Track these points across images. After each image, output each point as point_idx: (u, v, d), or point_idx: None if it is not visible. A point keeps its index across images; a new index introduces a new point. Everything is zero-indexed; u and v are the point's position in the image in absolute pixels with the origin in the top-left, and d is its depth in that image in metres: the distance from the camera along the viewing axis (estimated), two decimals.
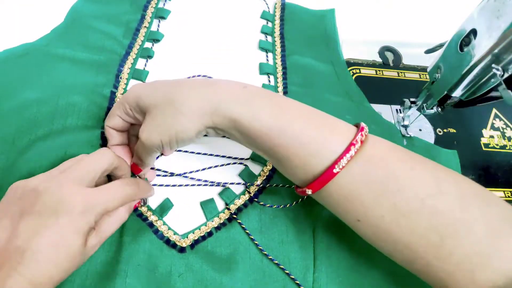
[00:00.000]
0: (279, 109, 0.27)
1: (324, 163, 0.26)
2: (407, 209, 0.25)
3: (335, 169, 0.25)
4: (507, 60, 0.29)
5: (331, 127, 0.27)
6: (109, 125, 0.32)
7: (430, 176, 0.26)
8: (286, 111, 0.27)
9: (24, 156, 0.33)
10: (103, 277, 0.29)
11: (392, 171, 0.26)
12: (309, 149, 0.26)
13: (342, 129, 0.27)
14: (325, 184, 0.26)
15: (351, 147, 0.25)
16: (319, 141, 0.26)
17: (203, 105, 0.27)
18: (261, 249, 0.32)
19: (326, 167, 0.26)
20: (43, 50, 0.40)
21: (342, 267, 0.33)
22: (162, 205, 0.34)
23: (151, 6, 0.47)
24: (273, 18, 0.50)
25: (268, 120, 0.27)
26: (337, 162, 0.25)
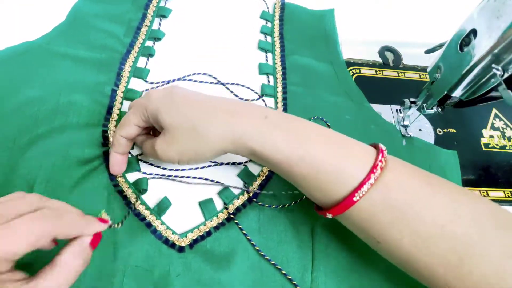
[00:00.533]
0: (299, 138, 0.28)
1: (344, 190, 0.26)
2: (426, 234, 0.25)
3: (356, 197, 0.26)
4: (507, 60, 0.29)
5: (350, 152, 0.27)
6: (122, 134, 0.31)
7: (449, 201, 0.26)
8: (306, 139, 0.28)
9: (25, 155, 0.33)
10: (99, 277, 0.29)
11: (411, 198, 0.26)
12: (329, 177, 0.26)
13: (361, 153, 0.27)
14: (345, 210, 0.27)
15: (371, 175, 0.26)
16: (339, 169, 0.26)
17: (226, 135, 0.28)
18: (258, 249, 0.32)
19: (346, 194, 0.26)
20: (45, 49, 0.40)
21: (340, 267, 0.33)
22: (160, 204, 0.34)
23: (153, 5, 0.47)
24: (272, 18, 0.50)
25: (288, 151, 0.27)
26: (357, 190, 0.26)
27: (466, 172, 0.42)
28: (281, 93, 0.43)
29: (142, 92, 0.40)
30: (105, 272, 0.30)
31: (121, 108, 0.38)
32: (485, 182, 0.42)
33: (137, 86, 0.41)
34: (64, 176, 0.32)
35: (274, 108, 0.42)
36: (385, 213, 0.26)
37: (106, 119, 0.37)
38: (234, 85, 0.43)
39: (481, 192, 0.41)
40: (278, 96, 0.43)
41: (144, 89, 0.40)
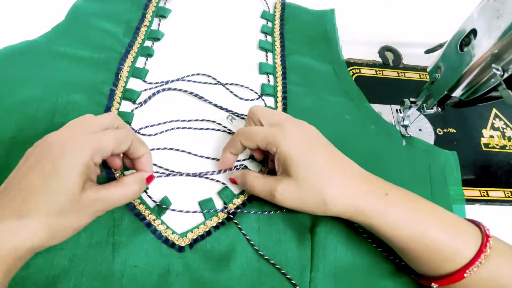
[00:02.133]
0: (416, 216, 0.29)
1: (454, 267, 0.28)
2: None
3: (466, 273, 0.27)
4: (507, 60, 0.29)
5: (462, 231, 0.29)
6: (243, 142, 0.33)
7: None
8: (423, 218, 0.29)
9: (23, 154, 0.32)
10: (98, 277, 0.29)
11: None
12: (442, 255, 0.28)
13: (470, 232, 0.29)
14: (452, 283, 0.28)
15: (481, 255, 0.27)
16: (452, 247, 0.28)
17: (348, 208, 0.29)
18: (257, 249, 0.32)
19: (456, 270, 0.28)
20: (44, 48, 0.40)
21: (339, 267, 0.32)
22: (160, 204, 0.34)
23: (152, 5, 0.47)
24: (273, 17, 0.50)
25: (407, 229, 0.29)
26: (468, 267, 0.27)
27: (466, 172, 0.41)
28: (281, 93, 0.43)
29: (140, 92, 0.40)
30: (104, 272, 0.30)
31: (119, 107, 0.38)
32: (485, 182, 0.42)
33: (135, 86, 0.40)
34: None
35: (274, 107, 0.42)
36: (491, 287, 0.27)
37: None
38: (233, 85, 0.43)
39: (481, 192, 0.41)
40: (278, 96, 0.43)
41: (143, 89, 0.40)
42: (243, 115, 0.41)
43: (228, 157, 0.34)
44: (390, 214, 0.29)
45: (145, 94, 0.40)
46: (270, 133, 0.31)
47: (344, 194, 0.29)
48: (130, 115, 0.38)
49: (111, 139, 0.27)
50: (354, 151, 0.39)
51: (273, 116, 0.33)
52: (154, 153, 0.37)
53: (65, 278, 0.29)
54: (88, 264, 0.30)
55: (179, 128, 0.39)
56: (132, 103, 0.39)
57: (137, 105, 0.39)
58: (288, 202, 0.30)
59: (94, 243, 0.30)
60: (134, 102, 0.39)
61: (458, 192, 0.39)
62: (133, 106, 0.39)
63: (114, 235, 0.31)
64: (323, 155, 0.31)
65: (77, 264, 0.29)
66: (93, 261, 0.30)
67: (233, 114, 0.41)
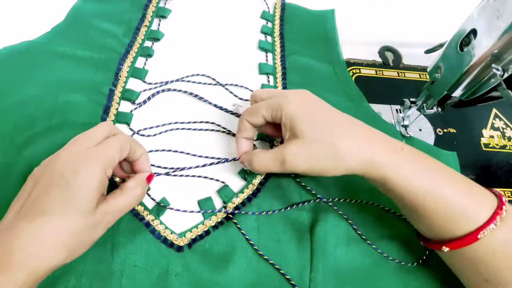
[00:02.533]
0: (430, 172, 0.29)
1: (467, 228, 0.27)
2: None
3: (480, 235, 0.26)
4: (507, 60, 0.29)
5: (477, 192, 0.28)
6: (249, 119, 0.33)
7: None
8: (438, 175, 0.29)
9: (22, 153, 0.33)
10: (98, 277, 0.29)
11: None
12: (456, 213, 0.27)
13: (486, 195, 0.28)
14: (465, 246, 0.27)
15: (496, 216, 0.26)
16: (467, 207, 0.27)
17: (361, 159, 0.28)
18: (257, 249, 0.32)
19: (469, 232, 0.27)
20: (43, 48, 0.40)
21: (339, 267, 0.32)
22: (159, 202, 0.34)
23: (152, 5, 0.47)
24: (273, 18, 0.50)
25: (421, 183, 0.28)
26: (482, 228, 0.26)
27: (466, 172, 0.41)
28: None
29: (139, 92, 0.40)
30: (103, 272, 0.30)
31: (118, 108, 0.38)
32: (485, 182, 0.42)
33: (135, 87, 0.40)
34: None
35: None
36: (504, 255, 0.27)
37: (103, 118, 0.37)
38: (233, 85, 0.43)
39: None
40: None
41: (142, 90, 0.40)
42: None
43: (243, 143, 0.34)
44: (405, 167, 0.28)
45: (145, 95, 0.40)
46: (273, 101, 0.32)
47: (358, 145, 0.29)
48: (129, 115, 0.38)
49: (115, 146, 0.27)
50: None
51: (274, 91, 0.34)
52: (153, 154, 0.37)
53: (65, 279, 0.29)
54: (88, 264, 0.30)
55: (178, 129, 0.39)
56: (132, 103, 0.39)
57: (136, 105, 0.39)
58: (300, 164, 0.29)
59: (93, 244, 0.30)
60: (134, 103, 0.39)
61: None
62: (132, 106, 0.39)
63: (113, 235, 0.31)
64: (329, 111, 0.31)
65: (76, 265, 0.29)
66: (92, 262, 0.30)
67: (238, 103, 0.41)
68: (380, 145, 0.29)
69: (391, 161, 0.28)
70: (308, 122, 0.29)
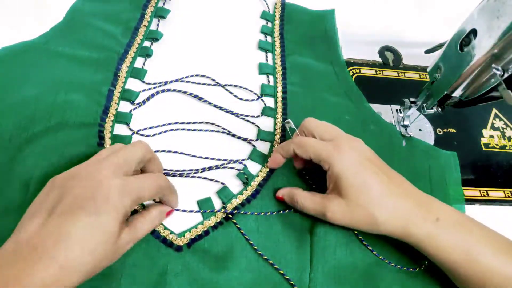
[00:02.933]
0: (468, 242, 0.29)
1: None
2: None
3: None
4: (507, 60, 0.29)
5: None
6: (296, 150, 0.33)
7: None
8: (475, 243, 0.29)
9: (21, 153, 0.33)
10: (97, 277, 0.29)
11: None
12: (494, 281, 0.28)
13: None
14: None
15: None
16: (505, 274, 0.28)
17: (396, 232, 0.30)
18: (256, 249, 0.32)
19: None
20: (42, 48, 0.40)
21: (339, 267, 0.32)
22: None
23: (151, 5, 0.47)
24: (273, 18, 0.50)
25: (456, 255, 0.29)
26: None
27: (466, 172, 0.41)
28: (281, 93, 0.43)
29: (139, 92, 0.40)
30: (103, 272, 0.29)
31: (117, 108, 0.38)
32: (485, 182, 0.42)
33: (134, 87, 0.40)
34: None
35: (274, 107, 0.42)
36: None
37: (102, 119, 0.37)
38: (232, 86, 0.43)
39: (481, 192, 0.41)
40: (277, 96, 0.43)
41: (141, 90, 0.40)
42: (243, 115, 0.41)
43: (278, 158, 0.35)
44: (441, 239, 0.29)
45: (144, 95, 0.40)
46: (324, 149, 0.32)
47: (396, 218, 0.30)
48: (129, 115, 0.38)
49: (153, 189, 0.28)
50: None
51: (326, 130, 0.34)
52: None
53: None
54: None
55: (177, 130, 0.39)
56: (131, 103, 0.39)
57: (136, 105, 0.39)
58: (339, 221, 0.31)
59: None
60: (133, 103, 0.39)
61: (458, 192, 0.39)
62: (131, 106, 0.39)
63: None
64: (376, 177, 0.31)
65: None
66: None
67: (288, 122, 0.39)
68: (418, 218, 0.30)
69: (426, 234, 0.29)
70: (355, 187, 0.30)
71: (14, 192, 0.31)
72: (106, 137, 0.36)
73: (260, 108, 0.42)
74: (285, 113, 0.41)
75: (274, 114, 0.41)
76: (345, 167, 0.30)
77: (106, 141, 0.35)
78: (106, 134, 0.36)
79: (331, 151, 0.31)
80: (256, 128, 0.40)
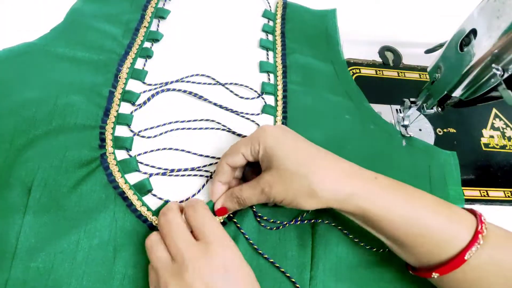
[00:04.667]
0: (410, 199, 0.29)
1: (452, 251, 0.27)
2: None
3: (466, 256, 0.27)
4: (507, 60, 0.29)
5: (456, 215, 0.28)
6: (228, 162, 0.32)
7: None
8: (416, 201, 0.29)
9: (22, 156, 0.32)
10: (99, 279, 0.29)
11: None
12: (439, 238, 0.28)
13: (463, 216, 0.28)
14: (454, 269, 0.27)
15: (478, 235, 0.27)
16: (448, 230, 0.28)
17: (336, 193, 0.28)
18: (256, 248, 0.32)
19: (454, 255, 0.27)
20: (43, 50, 0.40)
21: (340, 264, 0.33)
22: (161, 206, 0.34)
23: (151, 6, 0.47)
24: (274, 17, 0.50)
25: (400, 211, 0.28)
26: (467, 249, 0.27)
27: (466, 172, 0.41)
28: (281, 91, 0.43)
29: (139, 93, 0.40)
30: (105, 274, 0.30)
31: (118, 109, 0.38)
32: (485, 182, 0.42)
33: (134, 88, 0.40)
34: (62, 178, 0.32)
35: (274, 106, 0.42)
36: (493, 273, 0.27)
37: (103, 120, 0.37)
38: (233, 84, 0.43)
39: (481, 192, 0.41)
40: (278, 94, 0.43)
41: (142, 91, 0.40)
42: (243, 113, 0.41)
43: (218, 187, 0.33)
44: (382, 197, 0.28)
45: (145, 96, 0.40)
46: (250, 136, 0.32)
47: (332, 177, 0.29)
48: (130, 117, 0.38)
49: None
50: (353, 150, 0.39)
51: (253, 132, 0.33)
52: (154, 154, 0.37)
53: (66, 281, 0.29)
54: (89, 266, 0.30)
55: (178, 129, 0.39)
56: (132, 104, 0.39)
57: (137, 106, 0.39)
58: (277, 194, 0.29)
59: (95, 246, 0.30)
60: (134, 104, 0.39)
61: (458, 192, 0.39)
62: (132, 107, 0.39)
63: (115, 237, 0.31)
64: (303, 142, 0.31)
65: (77, 267, 0.29)
66: (93, 264, 0.30)
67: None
68: (356, 176, 0.29)
69: (367, 192, 0.28)
70: (284, 153, 0.29)
71: (15, 194, 0.31)
72: (107, 139, 0.36)
73: (261, 106, 0.42)
74: (285, 111, 0.41)
75: (274, 112, 0.42)
76: (274, 139, 0.30)
77: (108, 143, 0.35)
78: (107, 136, 0.36)
79: (258, 133, 0.31)
80: (256, 126, 0.41)
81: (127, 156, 0.36)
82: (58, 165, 0.32)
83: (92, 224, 0.31)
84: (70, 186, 0.32)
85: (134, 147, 0.37)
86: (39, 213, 0.30)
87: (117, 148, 0.36)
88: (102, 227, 0.31)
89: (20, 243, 0.29)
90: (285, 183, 0.29)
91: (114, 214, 0.32)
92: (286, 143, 0.30)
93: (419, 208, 0.28)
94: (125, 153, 0.36)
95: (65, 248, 0.30)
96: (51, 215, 0.31)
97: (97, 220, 0.31)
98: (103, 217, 0.31)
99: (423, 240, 0.28)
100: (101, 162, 0.34)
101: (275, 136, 0.31)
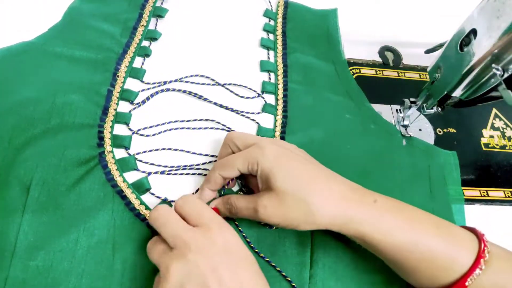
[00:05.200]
0: (410, 223, 0.28)
1: (454, 276, 0.27)
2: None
3: (467, 282, 0.26)
4: (507, 60, 0.29)
5: (458, 238, 0.28)
6: (222, 174, 0.31)
7: None
8: (417, 225, 0.28)
9: (21, 155, 0.32)
10: (98, 277, 0.29)
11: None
12: (439, 263, 0.27)
13: (466, 238, 0.28)
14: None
15: (480, 260, 0.26)
16: (450, 255, 0.27)
17: (335, 217, 0.28)
18: (253, 247, 0.32)
19: (456, 279, 0.27)
20: (41, 49, 0.40)
21: (340, 262, 0.32)
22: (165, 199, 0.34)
23: (149, 5, 0.47)
24: (275, 16, 0.50)
25: (401, 235, 0.28)
26: (469, 275, 0.26)
27: (466, 172, 0.41)
28: (282, 91, 0.43)
29: (138, 92, 0.40)
30: (104, 273, 0.30)
31: (116, 108, 0.38)
32: (485, 182, 0.42)
33: (133, 86, 0.40)
34: (61, 177, 0.32)
35: (275, 105, 0.42)
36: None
37: (102, 119, 0.37)
38: (232, 85, 0.43)
39: (481, 192, 0.41)
40: (278, 94, 0.43)
41: (140, 89, 0.40)
42: (243, 112, 0.41)
43: (207, 194, 0.33)
44: (382, 221, 0.28)
45: (143, 95, 0.40)
46: (248, 154, 0.30)
47: (331, 201, 0.28)
48: (128, 115, 0.38)
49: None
50: (353, 150, 0.39)
51: (248, 137, 0.32)
52: (153, 153, 0.36)
53: (65, 279, 0.29)
54: (88, 265, 0.30)
55: (177, 129, 0.39)
56: (130, 103, 0.39)
57: (135, 105, 0.39)
58: (272, 217, 0.29)
59: (94, 244, 0.30)
60: (132, 103, 0.39)
61: (458, 192, 0.39)
62: (130, 106, 0.39)
63: (114, 235, 0.31)
64: (303, 163, 0.30)
65: (76, 266, 0.29)
66: (92, 262, 0.30)
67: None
68: (355, 200, 0.29)
69: (367, 217, 0.28)
70: (282, 175, 0.29)
71: (14, 193, 0.31)
72: (106, 137, 0.36)
73: (261, 105, 0.42)
74: (285, 110, 0.41)
75: (274, 111, 0.41)
76: (270, 161, 0.29)
77: (106, 142, 0.35)
78: (106, 135, 0.36)
79: (256, 151, 0.30)
80: (256, 124, 0.40)
81: (126, 154, 0.36)
82: (57, 164, 0.32)
83: (90, 223, 0.31)
84: (69, 184, 0.32)
85: (133, 146, 0.37)
86: (38, 212, 0.30)
87: (116, 146, 0.36)
88: (101, 226, 0.31)
89: (19, 241, 0.29)
90: (283, 207, 0.28)
91: (112, 213, 0.32)
92: (285, 164, 0.29)
93: (419, 232, 0.28)
94: (124, 152, 0.36)
95: (64, 247, 0.30)
96: (50, 214, 0.31)
97: (96, 218, 0.31)
98: (102, 215, 0.31)
99: (425, 265, 0.28)
100: (100, 161, 0.34)
101: (274, 155, 0.30)
